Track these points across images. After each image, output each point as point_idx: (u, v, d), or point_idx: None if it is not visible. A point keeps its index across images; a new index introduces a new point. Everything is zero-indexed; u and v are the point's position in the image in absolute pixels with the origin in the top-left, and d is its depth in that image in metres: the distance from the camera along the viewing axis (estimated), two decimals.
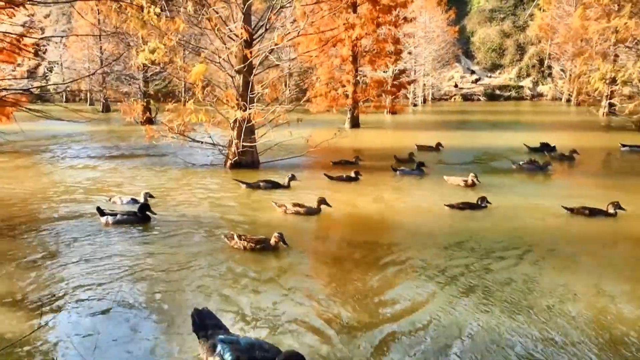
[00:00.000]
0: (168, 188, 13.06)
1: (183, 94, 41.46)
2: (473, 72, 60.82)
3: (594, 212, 10.17)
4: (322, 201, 10.39)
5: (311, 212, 10.34)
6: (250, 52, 14.49)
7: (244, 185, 12.84)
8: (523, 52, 59.90)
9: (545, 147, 18.35)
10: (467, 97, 57.56)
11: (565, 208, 10.37)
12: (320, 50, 25.15)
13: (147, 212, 9.94)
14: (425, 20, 42.69)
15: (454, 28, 51.78)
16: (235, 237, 8.32)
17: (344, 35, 25.73)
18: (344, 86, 27.42)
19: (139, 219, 9.84)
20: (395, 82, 31.30)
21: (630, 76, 25.98)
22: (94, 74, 32.97)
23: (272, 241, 8.18)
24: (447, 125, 30.14)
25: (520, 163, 15.51)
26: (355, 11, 26.41)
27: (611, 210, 10.12)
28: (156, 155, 18.72)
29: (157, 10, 11.87)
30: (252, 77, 15.08)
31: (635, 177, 14.91)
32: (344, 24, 20.84)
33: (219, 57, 14.84)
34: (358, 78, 28.19)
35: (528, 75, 58.85)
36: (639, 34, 24.30)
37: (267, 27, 14.98)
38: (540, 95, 57.71)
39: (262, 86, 15.15)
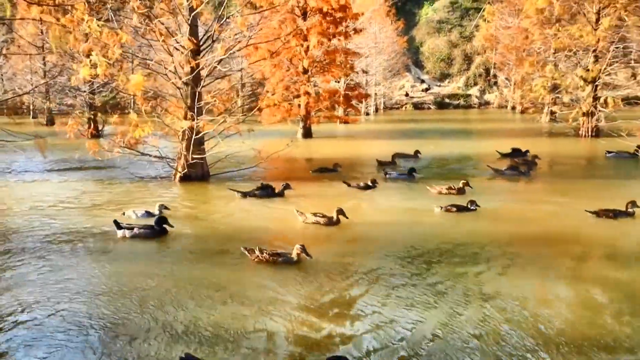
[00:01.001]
0: (124, 201, 12.71)
1: (132, 105, 40.52)
2: (423, 81, 62.26)
3: (617, 214, 10.57)
4: (340, 212, 10.41)
5: (331, 222, 10.37)
6: (198, 63, 14.31)
7: (239, 195, 12.97)
8: (470, 61, 61.80)
9: (516, 153, 19.05)
10: (417, 106, 58.80)
11: (589, 212, 10.63)
12: (272, 62, 25.15)
13: (165, 225, 9.77)
14: (375, 31, 43.41)
15: (403, 38, 52.89)
16: (256, 250, 8.14)
17: (294, 44, 25.89)
18: (297, 97, 27.48)
19: (157, 232, 9.68)
20: (348, 93, 31.60)
21: (571, 84, 27.12)
22: (34, 89, 31.68)
23: (294, 253, 8.05)
24: (402, 134, 30.64)
25: (503, 169, 16.02)
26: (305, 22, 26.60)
27: (630, 210, 10.63)
28: (104, 168, 18.15)
29: (100, 22, 11.56)
30: (200, 88, 14.89)
31: (600, 179, 15.60)
32: (292, 32, 20.88)
33: (166, 68, 14.59)
34: (310, 89, 28.33)
35: (475, 84, 60.75)
36: (573, 44, 25.43)
37: (215, 38, 14.86)
38: (487, 103, 59.61)
39: (212, 97, 14.95)
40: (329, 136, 29.60)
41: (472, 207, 11.23)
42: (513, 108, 51.65)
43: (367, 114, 47.90)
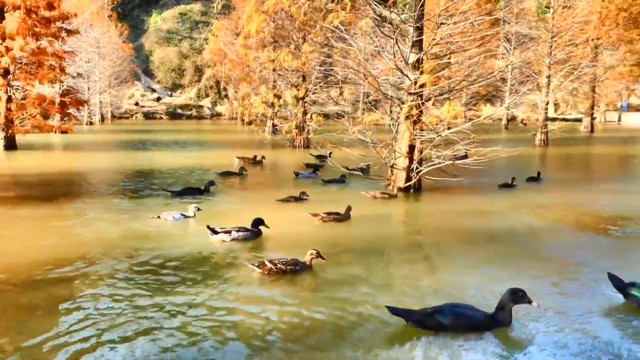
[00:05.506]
0: None
1: None
2: (154, 90, 60.92)
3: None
4: (349, 208, 11.02)
5: (346, 218, 10.98)
6: None
7: (170, 194, 13.30)
8: (201, 73, 63.01)
9: (321, 157, 20.98)
10: (149, 116, 57.26)
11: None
12: None
13: (261, 227, 9.49)
14: (96, 35, 40.62)
15: (129, 45, 50.85)
16: (267, 263, 7.59)
17: None
18: None
19: (254, 234, 9.44)
20: (64, 99, 28.72)
21: (285, 101, 29.98)
22: None
23: (308, 259, 7.74)
24: (132, 145, 29.23)
25: (361, 167, 17.42)
26: (2, 19, 23.28)
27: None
28: None
29: None
30: None
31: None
32: None
33: None
34: (13, 94, 24.83)
35: (207, 95, 62.18)
36: (290, 65, 28.19)
37: None
38: (219, 114, 61.66)
39: None
40: (41, 148, 26.40)
41: (304, 197, 12.71)
42: (242, 120, 54.56)
43: (91, 123, 44.47)
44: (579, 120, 46.82)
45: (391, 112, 16.48)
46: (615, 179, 18.66)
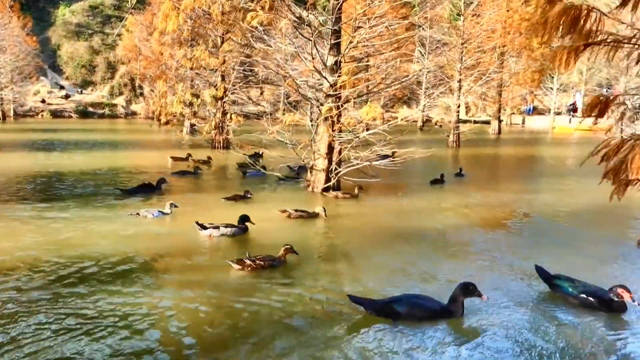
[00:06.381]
0: None
1: None
2: (62, 87, 57.31)
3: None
4: (323, 209, 11.44)
5: (313, 215, 11.34)
6: None
7: (119, 192, 13.34)
8: (114, 70, 60.09)
9: (254, 156, 20.11)
10: (57, 114, 53.71)
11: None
12: None
13: (247, 223, 9.83)
14: None
15: (33, 38, 47.53)
16: (246, 260, 7.98)
17: None
18: None
19: (241, 230, 9.76)
20: None
21: (203, 101, 29.24)
22: None
23: (281, 254, 8.15)
24: (37, 145, 27.30)
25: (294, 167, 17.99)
26: None
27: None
28: None
29: None
30: None
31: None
32: None
33: None
34: None
35: (121, 93, 59.36)
36: (209, 64, 27.51)
37: None
38: (135, 113, 59.05)
39: None
40: None
41: (247, 195, 13.08)
42: (158, 120, 52.59)
43: None
44: (488, 122, 49.41)
45: (312, 113, 16.55)
46: (520, 178, 19.93)
